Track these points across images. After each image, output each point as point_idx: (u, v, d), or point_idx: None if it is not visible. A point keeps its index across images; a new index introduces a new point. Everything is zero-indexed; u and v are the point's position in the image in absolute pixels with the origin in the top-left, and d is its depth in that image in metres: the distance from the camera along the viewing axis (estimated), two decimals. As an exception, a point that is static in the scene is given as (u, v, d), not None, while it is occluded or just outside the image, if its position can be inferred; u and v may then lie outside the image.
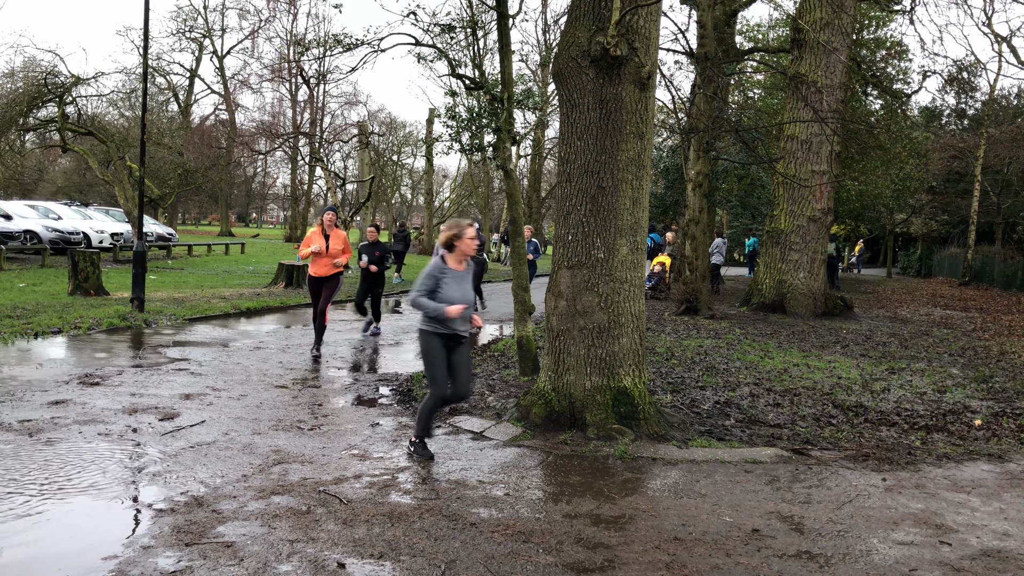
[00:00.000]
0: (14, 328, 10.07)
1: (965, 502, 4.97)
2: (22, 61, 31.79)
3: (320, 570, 3.66)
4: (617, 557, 3.93)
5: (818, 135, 15.67)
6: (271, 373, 8.42)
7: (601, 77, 6.17)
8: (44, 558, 3.72)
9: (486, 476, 5.15)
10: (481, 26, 12.03)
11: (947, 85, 32.35)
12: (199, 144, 39.75)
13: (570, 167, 6.34)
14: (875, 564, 3.97)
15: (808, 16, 15.94)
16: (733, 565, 3.89)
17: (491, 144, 18.34)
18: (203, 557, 3.75)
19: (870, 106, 25.43)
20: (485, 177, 47.43)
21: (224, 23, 53.59)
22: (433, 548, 3.95)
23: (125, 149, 23.77)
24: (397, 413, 6.90)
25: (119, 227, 26.08)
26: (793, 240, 16.17)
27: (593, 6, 6.21)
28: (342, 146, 45.67)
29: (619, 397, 6.20)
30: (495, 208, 57.45)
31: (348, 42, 10.46)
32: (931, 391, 8.56)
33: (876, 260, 48.32)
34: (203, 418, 6.36)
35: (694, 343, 11.30)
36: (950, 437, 6.60)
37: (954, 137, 32.53)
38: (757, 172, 24.50)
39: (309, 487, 4.80)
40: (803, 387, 8.42)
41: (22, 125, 23.18)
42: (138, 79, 29.76)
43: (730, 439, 6.22)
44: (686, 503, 4.78)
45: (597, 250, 6.22)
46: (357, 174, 40.53)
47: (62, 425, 5.94)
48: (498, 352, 10.15)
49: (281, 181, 64.65)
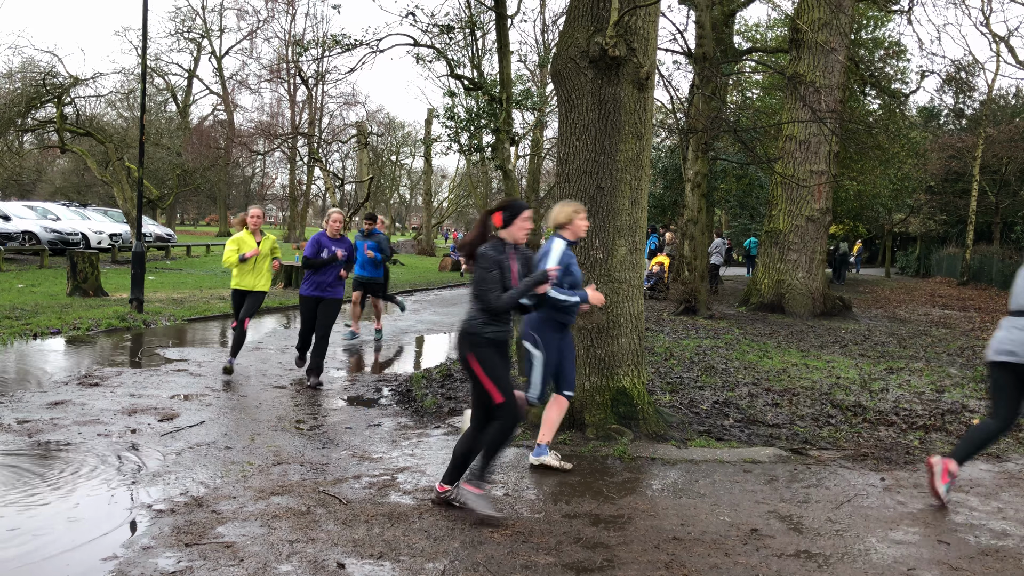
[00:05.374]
0: (13, 329, 10.07)
1: (963, 501, 4.99)
2: (20, 62, 31.75)
3: (320, 570, 3.67)
4: (616, 557, 3.94)
5: (816, 135, 15.69)
6: (270, 374, 8.42)
7: (600, 78, 6.18)
8: (44, 558, 3.73)
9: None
10: (480, 27, 12.04)
11: (945, 85, 32.37)
12: (197, 144, 39.71)
13: (569, 167, 6.35)
14: (873, 563, 3.98)
15: (806, 16, 15.96)
16: (732, 564, 3.89)
17: (490, 144, 18.34)
18: (203, 557, 3.75)
19: (868, 106, 25.46)
20: (484, 177, 47.44)
21: (222, 23, 53.68)
22: (433, 548, 3.96)
23: (123, 150, 23.75)
24: (396, 413, 6.91)
25: (117, 228, 26.07)
26: (792, 240, 16.19)
27: (591, 7, 6.22)
28: (341, 146, 45.69)
29: (618, 397, 6.21)
30: (494, 208, 57.35)
31: (347, 43, 10.48)
32: (929, 391, 8.57)
33: (874, 260, 48.37)
34: (202, 419, 6.36)
35: (693, 343, 11.31)
36: (948, 437, 6.61)
37: (952, 137, 32.56)
38: (755, 172, 24.53)
39: (308, 487, 4.80)
40: (802, 387, 8.43)
41: (20, 126, 23.17)
42: (136, 79, 29.73)
43: (729, 439, 6.23)
44: (685, 503, 4.79)
45: (596, 250, 6.22)
46: (356, 174, 40.56)
47: (61, 426, 5.94)
48: (497, 352, 10.14)
49: (280, 181, 64.63)
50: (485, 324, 4.39)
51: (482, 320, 4.39)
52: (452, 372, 8.62)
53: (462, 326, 4.48)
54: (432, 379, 8.27)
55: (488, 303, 4.31)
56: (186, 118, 47.37)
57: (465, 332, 4.43)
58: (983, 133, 28.52)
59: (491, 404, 4.38)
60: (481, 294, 4.34)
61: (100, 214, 28.39)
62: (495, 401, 4.36)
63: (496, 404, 4.36)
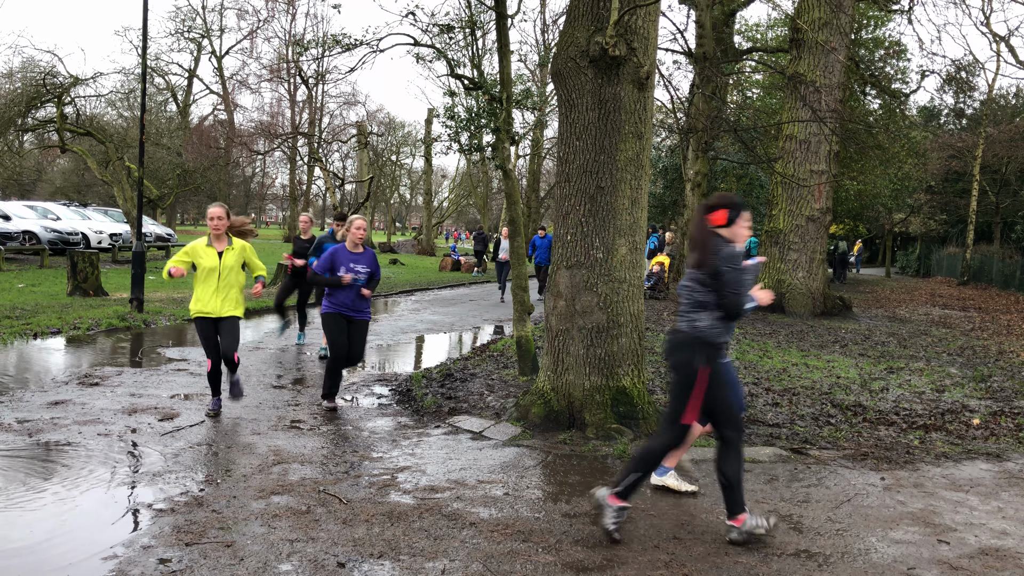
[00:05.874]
0: (13, 329, 10.07)
1: (963, 501, 4.99)
2: (20, 61, 31.79)
3: (320, 569, 3.67)
4: (616, 556, 3.94)
5: (816, 135, 15.69)
6: (270, 373, 8.42)
7: (600, 77, 6.18)
8: (44, 558, 3.73)
9: (485, 476, 5.16)
10: (480, 26, 12.03)
11: (945, 85, 32.39)
12: (198, 144, 39.68)
13: (569, 167, 6.35)
14: (873, 563, 3.98)
15: (806, 16, 15.96)
16: (732, 564, 3.90)
17: (490, 144, 18.34)
18: (203, 557, 3.75)
19: (868, 106, 25.47)
20: (484, 177, 47.45)
21: (223, 23, 53.67)
22: (433, 548, 3.96)
23: (124, 149, 23.75)
24: (396, 413, 6.91)
25: (118, 227, 26.08)
26: (792, 240, 16.19)
27: (591, 6, 6.22)
28: (341, 146, 45.71)
29: (618, 397, 6.21)
30: (494, 208, 57.47)
31: (347, 42, 10.46)
32: (929, 390, 8.57)
33: (875, 260, 48.38)
34: (202, 418, 6.36)
35: (693, 343, 11.30)
36: (948, 436, 6.61)
37: (952, 136, 32.55)
38: (756, 172, 24.53)
39: (309, 487, 4.80)
40: (802, 387, 8.43)
41: (21, 125, 23.17)
42: (136, 79, 29.75)
43: (729, 438, 6.23)
44: (685, 502, 4.79)
45: (596, 250, 6.23)
46: (356, 174, 40.56)
47: (62, 425, 5.95)
48: (497, 352, 10.15)
49: (280, 181, 64.59)
50: (722, 333, 4.05)
51: (721, 328, 4.04)
52: (452, 372, 8.62)
53: (694, 332, 4.07)
54: (432, 379, 8.27)
55: (738, 307, 3.96)
56: (186, 118, 47.35)
57: (702, 341, 4.03)
58: (983, 133, 28.52)
59: (675, 419, 4.09)
60: (732, 297, 3.95)
61: (100, 214, 28.39)
62: (682, 420, 4.08)
63: (681, 424, 4.09)
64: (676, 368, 4.12)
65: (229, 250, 6.45)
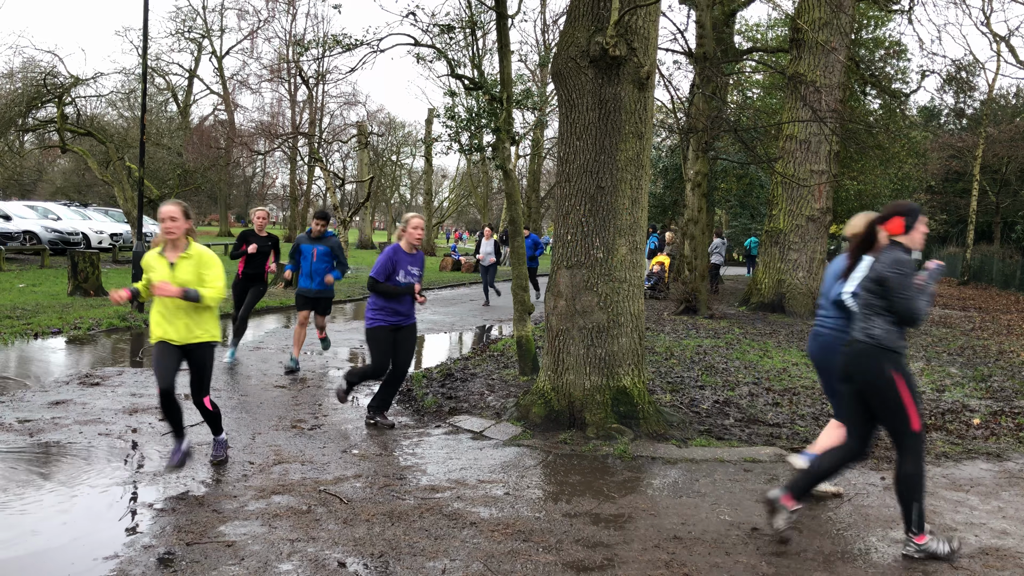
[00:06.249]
0: (14, 328, 10.08)
1: (963, 501, 4.99)
2: (21, 62, 31.77)
3: (320, 569, 3.67)
4: (617, 556, 3.94)
5: (817, 135, 15.69)
6: (271, 373, 8.43)
7: (600, 77, 6.18)
8: (45, 557, 3.73)
9: (486, 475, 5.16)
10: (480, 26, 12.03)
11: (946, 85, 32.41)
12: (198, 144, 39.69)
13: (569, 167, 6.35)
14: (874, 563, 3.98)
15: (807, 16, 15.96)
16: (732, 563, 3.90)
17: (490, 144, 18.34)
18: (204, 556, 3.76)
19: (869, 106, 25.45)
20: (484, 177, 47.47)
21: (223, 23, 53.62)
22: (433, 547, 3.96)
23: (124, 149, 23.75)
24: (397, 413, 6.91)
25: (118, 227, 26.09)
26: (792, 240, 16.19)
27: (592, 6, 6.23)
28: (341, 146, 45.66)
29: (618, 396, 6.21)
30: (494, 208, 57.47)
31: (347, 42, 10.47)
32: (930, 390, 8.57)
33: (875, 259, 48.27)
34: (202, 419, 6.35)
35: (693, 343, 11.31)
36: (949, 436, 6.61)
37: (953, 136, 32.57)
38: (756, 172, 24.54)
39: (309, 486, 4.81)
40: (802, 386, 8.44)
41: (21, 126, 23.18)
42: (137, 79, 29.77)
43: (729, 438, 6.24)
44: (685, 502, 4.79)
45: (596, 250, 6.23)
46: (356, 174, 40.54)
47: (62, 425, 5.95)
48: (498, 352, 10.16)
49: (280, 181, 64.59)
50: (901, 338, 4.01)
51: (899, 333, 4.00)
52: (452, 372, 8.63)
53: (873, 341, 4.02)
54: (432, 379, 8.28)
55: (919, 313, 3.90)
56: (187, 118, 47.38)
57: (884, 348, 3.99)
58: (983, 133, 28.53)
59: (904, 430, 3.99)
60: (909, 303, 3.90)
61: (101, 214, 28.41)
62: (913, 427, 3.97)
63: (914, 431, 3.98)
64: (868, 378, 4.04)
65: (184, 259, 4.90)
